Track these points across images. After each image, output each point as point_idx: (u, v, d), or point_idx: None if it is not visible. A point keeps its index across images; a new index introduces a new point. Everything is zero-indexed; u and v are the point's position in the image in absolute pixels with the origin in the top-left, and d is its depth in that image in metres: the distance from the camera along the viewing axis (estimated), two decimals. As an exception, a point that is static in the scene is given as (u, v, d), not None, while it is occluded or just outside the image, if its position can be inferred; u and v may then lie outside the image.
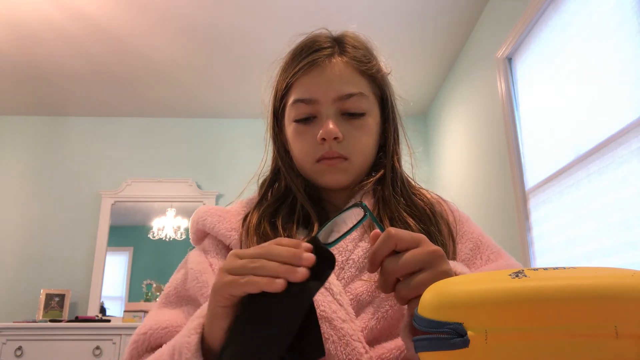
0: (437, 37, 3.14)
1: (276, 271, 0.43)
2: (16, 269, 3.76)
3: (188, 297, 0.69)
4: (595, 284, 0.35)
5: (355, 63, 0.71)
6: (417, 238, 0.48)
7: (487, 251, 0.71)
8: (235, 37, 3.10)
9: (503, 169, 2.60)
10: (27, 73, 3.50)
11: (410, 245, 0.48)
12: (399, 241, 0.47)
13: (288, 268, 0.43)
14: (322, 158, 0.70)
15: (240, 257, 0.46)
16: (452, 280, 0.41)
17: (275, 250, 0.45)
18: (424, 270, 0.47)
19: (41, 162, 4.06)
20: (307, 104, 0.70)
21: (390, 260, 0.47)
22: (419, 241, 0.48)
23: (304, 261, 0.44)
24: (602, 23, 1.75)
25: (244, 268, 0.45)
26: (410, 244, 0.48)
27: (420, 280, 0.46)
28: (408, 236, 0.48)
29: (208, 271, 0.66)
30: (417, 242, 0.48)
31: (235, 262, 0.46)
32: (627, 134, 1.60)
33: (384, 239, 0.48)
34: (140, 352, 0.64)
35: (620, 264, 1.59)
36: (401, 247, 0.47)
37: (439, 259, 0.47)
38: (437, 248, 0.48)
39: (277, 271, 0.43)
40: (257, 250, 0.46)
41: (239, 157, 3.96)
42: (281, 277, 0.43)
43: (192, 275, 0.67)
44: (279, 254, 0.45)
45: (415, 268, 0.47)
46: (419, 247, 0.48)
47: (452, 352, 0.36)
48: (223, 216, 0.71)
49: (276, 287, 0.43)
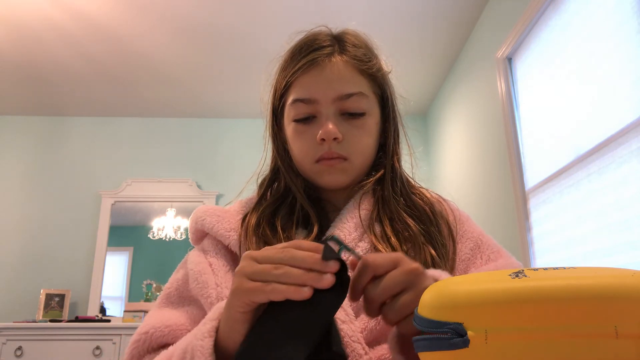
0: (437, 37, 3.14)
1: (302, 279, 0.42)
2: (16, 269, 3.76)
3: (190, 298, 0.69)
4: (595, 284, 0.35)
5: (356, 62, 0.70)
6: (394, 259, 0.47)
7: (487, 250, 0.71)
8: (235, 37, 3.10)
9: (503, 169, 2.60)
10: (27, 73, 3.50)
11: (388, 269, 0.46)
12: (376, 268, 0.46)
13: (314, 275, 0.42)
14: (322, 158, 0.69)
15: (259, 261, 0.45)
16: (452, 280, 0.41)
17: (298, 255, 0.44)
18: (406, 290, 0.46)
19: (41, 162, 4.06)
20: (306, 104, 0.69)
21: (371, 287, 0.46)
22: (397, 262, 0.47)
23: (329, 268, 0.42)
24: (602, 23, 1.75)
25: (267, 274, 0.43)
26: (388, 267, 0.46)
27: (404, 302, 0.46)
28: (384, 261, 0.46)
29: (207, 271, 0.66)
30: (395, 263, 0.47)
31: (255, 267, 0.44)
32: (627, 134, 1.60)
33: (361, 269, 0.47)
34: (141, 352, 0.63)
35: (620, 264, 1.59)
36: (380, 273, 0.46)
37: (419, 277, 0.46)
38: (416, 266, 0.47)
39: (303, 279, 0.42)
40: (278, 255, 0.44)
41: (239, 157, 3.96)
42: (307, 285, 0.42)
43: (192, 276, 0.67)
44: (303, 259, 0.43)
45: (397, 290, 0.46)
46: (397, 267, 0.46)
47: (452, 352, 0.36)
48: (222, 216, 0.71)
49: (304, 296, 0.41)
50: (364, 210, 0.70)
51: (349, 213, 0.70)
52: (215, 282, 0.64)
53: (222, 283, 0.64)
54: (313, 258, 0.43)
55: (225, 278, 0.65)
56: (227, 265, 0.67)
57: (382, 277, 0.46)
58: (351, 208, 0.70)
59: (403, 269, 0.46)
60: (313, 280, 0.42)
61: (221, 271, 0.66)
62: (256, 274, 0.44)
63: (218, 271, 0.66)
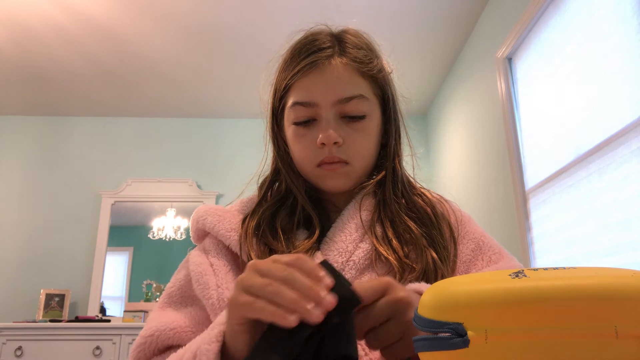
0: (437, 37, 3.14)
1: (293, 306, 0.40)
2: (16, 269, 3.76)
3: (193, 297, 0.68)
4: (595, 284, 0.35)
5: (356, 64, 0.69)
6: (382, 288, 0.46)
7: (489, 252, 0.70)
8: (235, 37, 3.10)
9: (503, 169, 2.60)
10: (27, 73, 3.51)
11: (375, 298, 0.46)
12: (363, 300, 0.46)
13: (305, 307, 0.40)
14: (323, 163, 0.69)
15: (261, 274, 0.43)
16: (452, 281, 0.41)
17: (297, 279, 0.41)
18: (391, 319, 0.46)
19: (41, 162, 4.06)
20: (306, 107, 0.69)
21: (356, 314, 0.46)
22: (385, 289, 0.46)
23: (324, 304, 0.40)
24: (602, 23, 1.75)
25: (261, 290, 0.42)
26: (375, 297, 0.46)
27: (386, 332, 0.46)
28: (371, 290, 0.46)
29: (209, 272, 0.65)
30: (383, 290, 0.46)
31: (254, 280, 0.43)
32: (627, 134, 1.60)
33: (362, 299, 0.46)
34: (147, 355, 0.63)
35: (620, 264, 1.59)
36: (366, 303, 0.46)
37: (405, 308, 0.46)
38: (403, 296, 0.46)
39: (293, 306, 0.40)
40: (278, 272, 0.42)
41: (239, 157, 3.96)
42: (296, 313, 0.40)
43: (194, 277, 0.66)
44: (300, 284, 0.41)
45: (381, 320, 0.46)
46: (385, 295, 0.46)
47: (452, 352, 0.36)
48: (223, 216, 0.71)
49: (287, 324, 0.40)
50: (365, 211, 0.70)
51: (349, 214, 0.69)
52: (216, 284, 0.64)
53: (223, 284, 0.64)
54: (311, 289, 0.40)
55: (226, 279, 0.65)
56: (228, 266, 0.67)
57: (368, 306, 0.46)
58: (352, 209, 0.70)
59: (389, 298, 0.46)
60: (303, 312, 0.40)
61: (222, 272, 0.66)
62: (252, 287, 0.43)
63: (219, 272, 0.65)
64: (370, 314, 0.46)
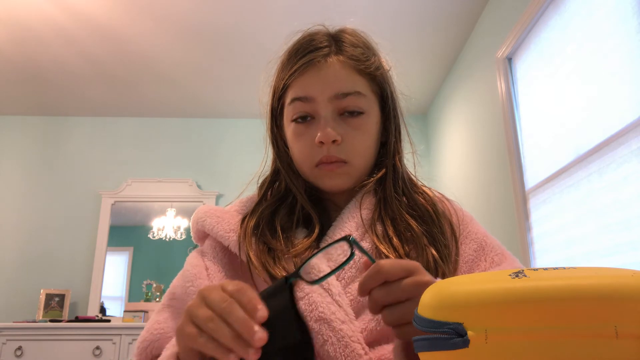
0: (437, 37, 3.14)
1: (230, 344, 0.41)
2: (16, 269, 3.76)
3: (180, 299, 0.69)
4: (595, 284, 0.35)
5: (353, 62, 0.70)
6: (409, 269, 0.47)
7: (491, 253, 0.70)
8: (235, 37, 3.10)
9: (503, 169, 2.60)
10: (27, 73, 3.50)
11: (402, 275, 0.47)
12: (388, 276, 0.47)
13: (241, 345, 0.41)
14: (321, 163, 0.69)
15: (206, 304, 0.44)
16: (452, 280, 0.41)
17: (233, 313, 0.42)
18: (411, 299, 0.46)
19: (41, 162, 4.06)
20: (303, 102, 0.69)
21: (379, 289, 0.47)
22: (412, 271, 0.47)
23: (256, 341, 0.41)
24: (602, 23, 1.75)
25: (204, 325, 0.43)
26: (401, 276, 0.47)
27: (406, 310, 0.46)
28: (399, 269, 0.47)
29: (203, 276, 0.66)
30: (410, 271, 0.47)
31: (199, 311, 0.44)
32: (627, 134, 1.60)
33: (373, 274, 0.47)
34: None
35: (620, 264, 1.59)
36: (392, 280, 0.47)
37: None
38: (428, 280, 0.47)
39: (230, 344, 0.41)
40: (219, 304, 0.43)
41: (239, 157, 3.96)
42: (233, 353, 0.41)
43: (187, 278, 0.67)
44: (236, 319, 0.41)
45: (403, 298, 0.46)
46: (411, 276, 0.47)
47: (452, 352, 0.36)
48: (222, 217, 0.71)
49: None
50: (365, 209, 0.69)
51: (350, 212, 0.69)
52: None
53: None
54: (244, 324, 0.41)
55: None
56: (223, 271, 0.67)
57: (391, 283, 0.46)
58: (352, 208, 0.70)
59: (415, 279, 0.47)
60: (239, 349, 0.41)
61: (216, 277, 0.66)
62: (197, 318, 0.44)
63: (213, 277, 0.66)
64: (392, 290, 0.46)
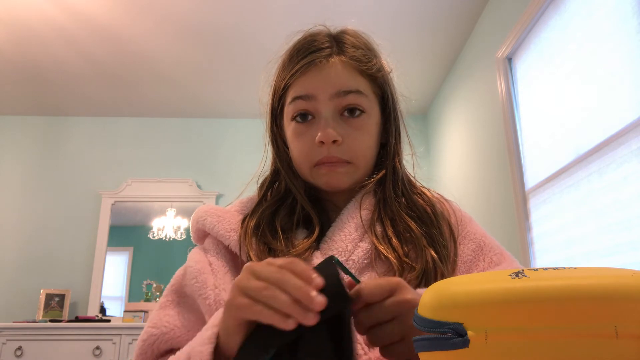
0: (437, 37, 3.14)
1: (288, 309, 0.41)
2: (16, 269, 3.76)
3: (184, 294, 0.68)
4: (595, 284, 0.35)
5: (354, 63, 0.70)
6: (392, 286, 0.47)
7: (490, 253, 0.70)
8: (235, 37, 3.10)
9: (503, 169, 2.60)
10: (27, 73, 3.50)
11: (382, 298, 0.47)
12: (369, 299, 0.46)
13: (299, 310, 0.41)
14: (321, 162, 0.68)
15: (257, 277, 0.44)
16: (452, 281, 0.41)
17: (289, 281, 0.42)
18: (395, 320, 0.46)
19: (41, 162, 4.06)
20: (304, 100, 0.69)
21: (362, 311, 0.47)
22: (394, 289, 0.47)
23: (316, 305, 0.41)
24: (602, 23, 1.75)
25: (258, 293, 0.43)
26: (382, 297, 0.47)
27: (389, 331, 0.46)
28: (379, 291, 0.47)
29: (207, 271, 0.66)
30: (391, 290, 0.47)
31: (251, 283, 0.44)
32: (627, 134, 1.60)
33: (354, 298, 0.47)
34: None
35: (620, 264, 1.59)
36: (373, 302, 0.47)
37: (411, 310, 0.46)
38: (410, 298, 0.47)
39: (288, 310, 0.41)
40: (272, 274, 0.43)
41: (239, 157, 3.96)
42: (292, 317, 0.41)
43: (191, 274, 0.66)
44: (293, 286, 0.42)
45: (385, 319, 0.46)
46: (393, 295, 0.47)
47: (452, 352, 0.36)
48: (222, 216, 0.71)
49: (287, 327, 0.41)
50: (364, 210, 0.70)
51: (349, 213, 0.69)
52: (213, 284, 0.64)
53: (220, 285, 0.64)
54: (302, 290, 0.41)
55: (224, 280, 0.65)
56: (227, 266, 0.67)
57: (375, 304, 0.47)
58: (352, 208, 0.70)
59: (396, 299, 0.47)
60: (298, 315, 0.41)
61: (220, 272, 0.66)
62: (249, 290, 0.44)
63: (217, 272, 0.66)
64: (375, 311, 0.46)
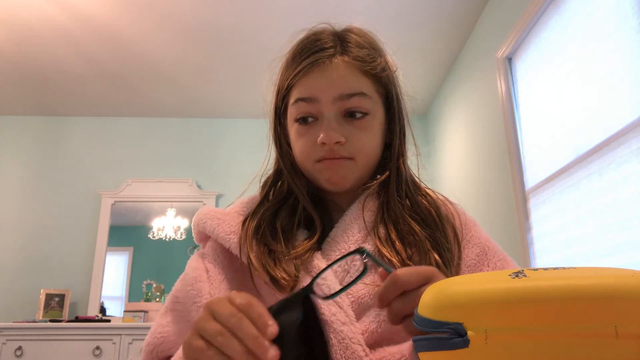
0: (437, 37, 3.14)
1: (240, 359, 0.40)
2: (16, 269, 3.76)
3: (179, 302, 0.69)
4: (595, 284, 0.35)
5: (358, 63, 0.69)
6: (426, 276, 0.47)
7: (494, 258, 0.69)
8: (236, 36, 3.10)
9: (503, 169, 2.60)
10: (27, 73, 3.50)
11: (420, 283, 0.47)
12: (405, 286, 0.47)
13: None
14: (323, 158, 0.68)
15: (215, 317, 0.43)
16: (452, 280, 0.41)
17: (244, 328, 0.41)
18: None
19: (41, 162, 4.06)
20: (307, 103, 0.68)
21: (398, 300, 0.47)
22: (429, 277, 0.48)
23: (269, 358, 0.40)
24: (602, 23, 1.75)
25: (213, 338, 0.42)
26: (419, 284, 0.47)
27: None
28: (416, 277, 0.47)
29: (203, 279, 0.65)
30: (427, 278, 0.47)
31: (207, 325, 0.43)
32: (627, 134, 1.60)
33: (391, 285, 0.47)
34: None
35: (620, 264, 1.59)
36: (410, 289, 0.47)
37: None
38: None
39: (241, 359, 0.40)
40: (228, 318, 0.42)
41: (239, 157, 3.96)
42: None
43: (187, 281, 0.66)
44: (247, 335, 0.41)
45: None
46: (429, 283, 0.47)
47: (452, 352, 0.36)
48: (222, 219, 0.70)
49: None
50: (368, 212, 0.69)
51: (352, 214, 0.69)
52: (209, 292, 0.64)
53: (216, 293, 0.63)
54: (256, 342, 0.40)
55: (220, 288, 0.65)
56: (223, 274, 0.67)
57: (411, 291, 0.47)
58: (355, 209, 0.69)
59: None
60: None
61: (216, 280, 0.65)
62: (205, 332, 0.43)
63: (214, 279, 0.65)
64: (411, 299, 0.46)
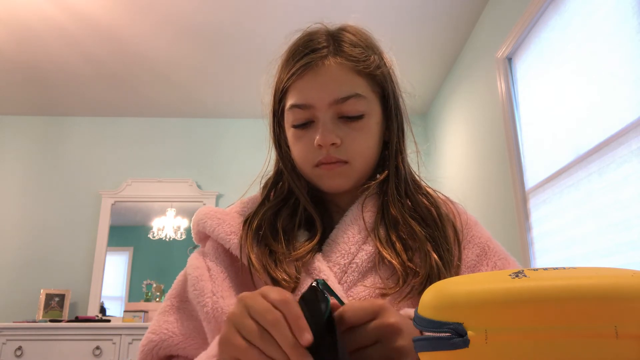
0: (437, 37, 3.14)
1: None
2: (16, 269, 3.76)
3: (185, 300, 0.69)
4: (595, 284, 0.35)
5: (351, 63, 0.68)
6: (375, 309, 0.47)
7: (494, 257, 0.69)
8: (235, 37, 3.10)
9: (503, 169, 2.60)
10: (27, 73, 3.50)
11: (365, 320, 0.47)
12: (351, 322, 0.46)
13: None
14: (321, 163, 0.68)
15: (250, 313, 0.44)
16: (452, 280, 0.41)
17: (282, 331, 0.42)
18: (378, 343, 0.46)
19: (41, 162, 4.06)
20: (302, 110, 0.67)
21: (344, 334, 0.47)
22: (377, 312, 0.47)
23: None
24: (602, 23, 1.75)
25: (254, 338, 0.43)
26: (366, 319, 0.47)
27: (372, 356, 0.46)
28: (362, 314, 0.47)
29: (205, 278, 0.65)
30: (374, 313, 0.47)
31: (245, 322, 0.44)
32: (627, 134, 1.60)
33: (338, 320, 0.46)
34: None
35: (620, 264, 1.59)
36: (356, 324, 0.47)
37: (395, 334, 0.46)
38: (394, 322, 0.47)
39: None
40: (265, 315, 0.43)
41: (239, 157, 3.96)
42: None
43: (190, 281, 0.66)
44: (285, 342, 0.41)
45: (369, 342, 0.46)
46: (377, 319, 0.47)
47: (452, 352, 0.36)
48: (222, 219, 0.70)
49: None
50: (367, 212, 0.69)
51: (353, 215, 0.69)
52: (211, 290, 0.63)
53: (219, 292, 0.63)
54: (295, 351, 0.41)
55: (222, 286, 0.64)
56: (225, 272, 0.66)
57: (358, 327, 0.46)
58: (355, 210, 0.69)
59: (379, 322, 0.47)
60: None
61: (219, 278, 0.65)
62: (244, 331, 0.44)
63: (216, 278, 0.65)
64: (358, 335, 0.46)
